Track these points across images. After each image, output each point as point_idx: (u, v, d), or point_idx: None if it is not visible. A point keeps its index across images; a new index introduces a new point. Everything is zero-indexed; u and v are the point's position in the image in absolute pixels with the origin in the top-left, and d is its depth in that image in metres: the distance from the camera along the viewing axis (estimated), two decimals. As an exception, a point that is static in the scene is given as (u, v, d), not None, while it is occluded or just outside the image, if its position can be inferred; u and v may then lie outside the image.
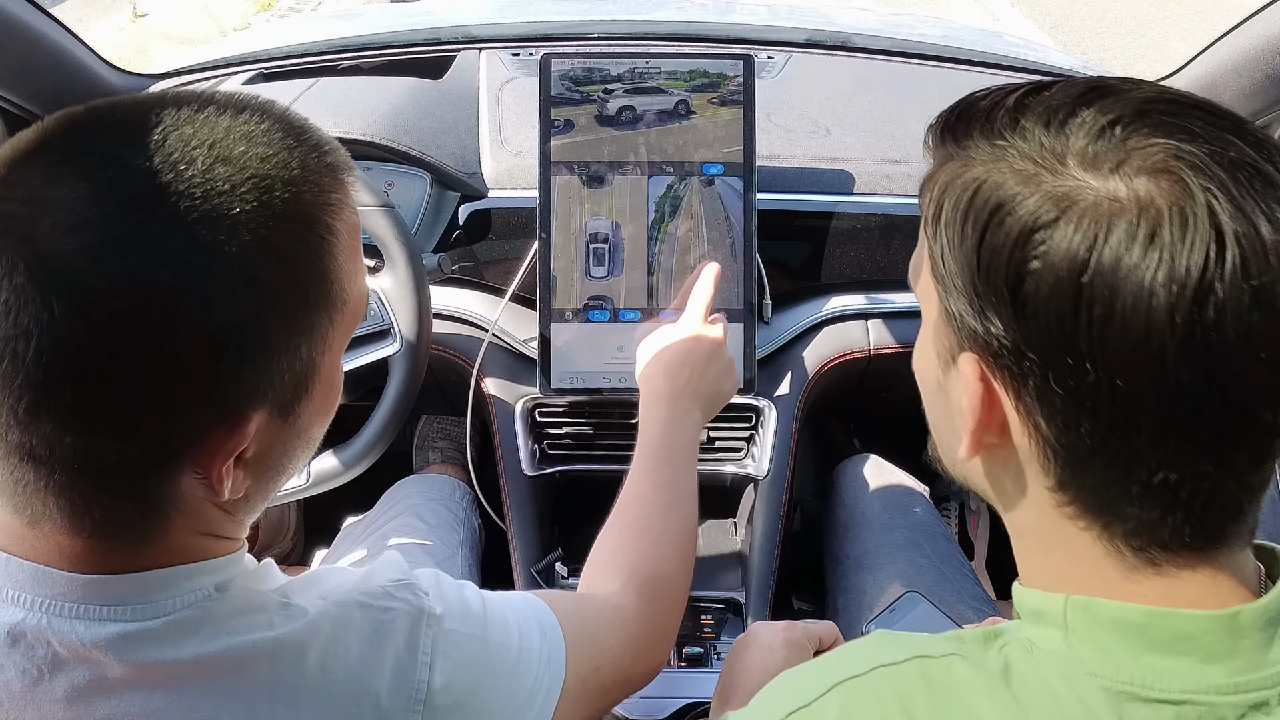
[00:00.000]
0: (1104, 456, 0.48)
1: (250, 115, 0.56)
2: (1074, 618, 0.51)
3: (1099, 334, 0.45)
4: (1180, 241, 0.44)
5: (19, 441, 0.52)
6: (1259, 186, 0.45)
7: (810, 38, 1.82)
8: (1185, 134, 0.46)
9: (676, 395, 1.00)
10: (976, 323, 0.50)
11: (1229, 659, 0.48)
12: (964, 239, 0.50)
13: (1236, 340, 0.44)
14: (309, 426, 0.62)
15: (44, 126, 0.54)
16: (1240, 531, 0.50)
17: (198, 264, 0.51)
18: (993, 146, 0.50)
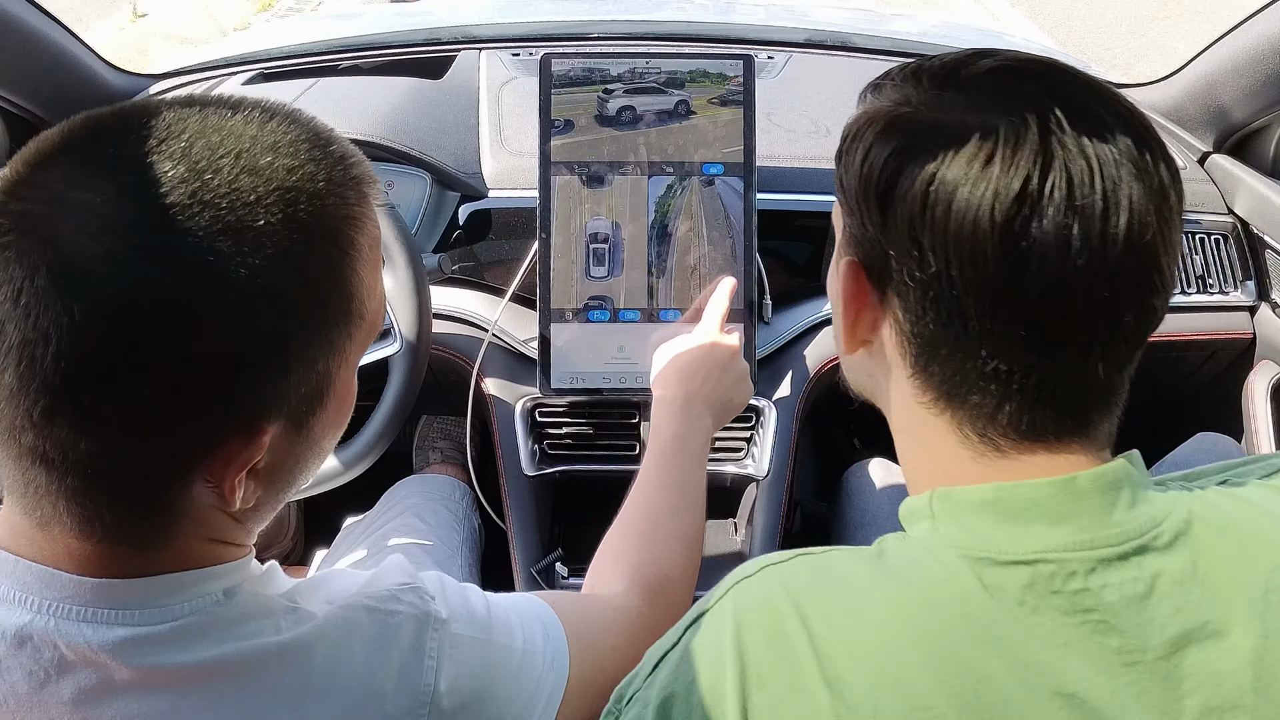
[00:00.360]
0: (946, 345, 0.57)
1: (277, 124, 0.56)
2: (938, 506, 0.58)
3: (940, 231, 0.54)
4: (1010, 162, 0.53)
5: (32, 444, 0.51)
6: (1094, 128, 0.54)
7: (810, 38, 1.82)
8: (1038, 83, 0.56)
9: (689, 400, 1.01)
10: (858, 229, 0.60)
11: (1073, 520, 0.55)
12: (855, 157, 0.60)
13: (1054, 248, 0.52)
14: (321, 438, 0.62)
15: (68, 128, 0.53)
16: (1083, 433, 0.57)
17: (221, 275, 0.51)
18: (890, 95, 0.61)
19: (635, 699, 0.57)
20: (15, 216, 0.50)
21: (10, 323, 0.49)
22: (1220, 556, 0.55)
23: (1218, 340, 1.47)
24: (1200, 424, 1.43)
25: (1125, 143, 0.54)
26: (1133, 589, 0.53)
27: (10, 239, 0.50)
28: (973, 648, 0.52)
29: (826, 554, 0.59)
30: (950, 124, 0.56)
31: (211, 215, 0.51)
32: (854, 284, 0.61)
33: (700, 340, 1.06)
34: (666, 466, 0.95)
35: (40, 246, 0.49)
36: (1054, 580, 0.53)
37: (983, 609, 0.53)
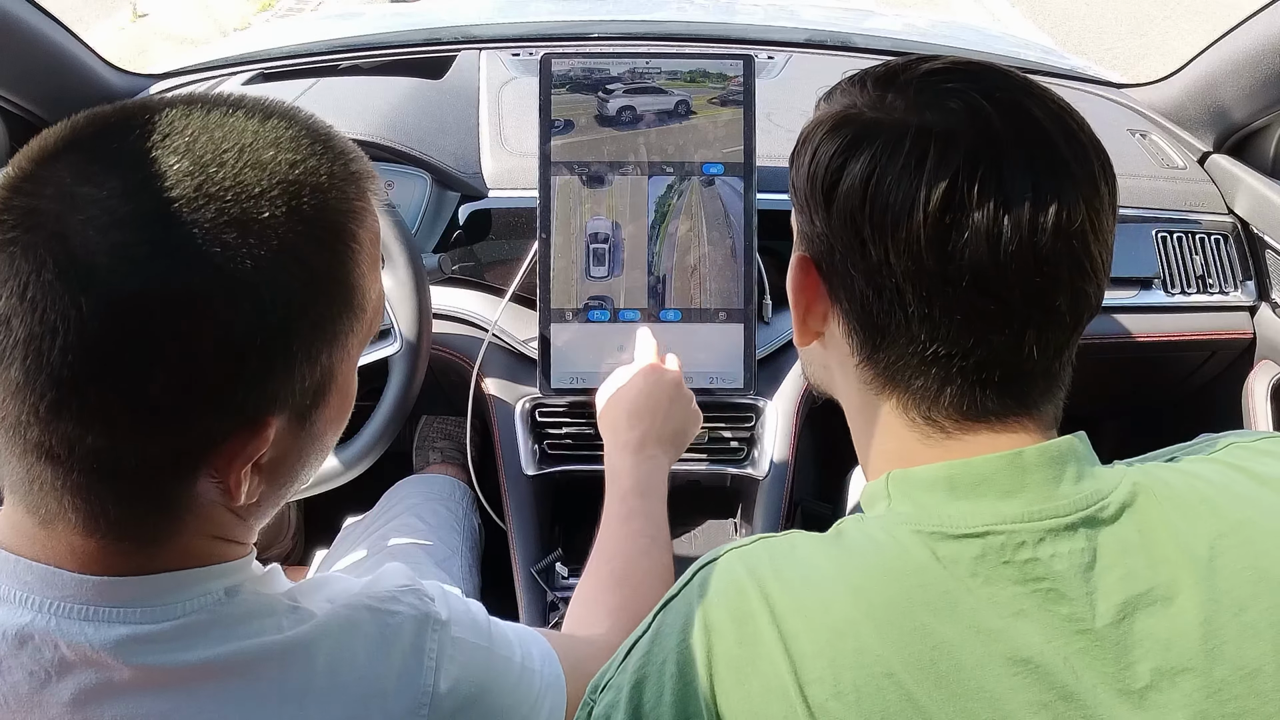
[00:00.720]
0: (889, 332, 0.60)
1: (278, 121, 0.56)
2: (894, 488, 0.61)
3: (878, 223, 0.57)
4: (941, 156, 0.56)
5: (38, 439, 0.51)
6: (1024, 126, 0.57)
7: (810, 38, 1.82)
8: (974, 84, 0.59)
9: (642, 441, 1.01)
10: (808, 225, 0.63)
11: (1021, 493, 0.57)
12: (804, 157, 0.63)
13: (984, 238, 0.55)
14: (324, 433, 0.62)
15: (73, 125, 0.54)
16: (1023, 411, 0.60)
17: (228, 268, 0.51)
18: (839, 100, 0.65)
19: (609, 686, 0.59)
20: (21, 212, 0.51)
21: (16, 317, 0.49)
22: (1165, 525, 0.57)
23: (1218, 340, 1.47)
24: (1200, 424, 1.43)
25: (1057, 137, 0.58)
26: (1080, 558, 0.55)
27: (15, 234, 0.50)
28: (928, 616, 0.54)
29: (788, 536, 0.61)
30: (888, 123, 0.59)
31: (217, 208, 0.51)
32: (804, 277, 0.65)
33: (643, 376, 1.06)
34: (631, 511, 0.96)
35: (47, 241, 0.49)
36: (1004, 551, 0.55)
37: (937, 580, 0.55)
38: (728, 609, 0.57)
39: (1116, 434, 1.75)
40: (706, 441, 1.29)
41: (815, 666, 0.53)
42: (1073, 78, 1.83)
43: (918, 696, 0.52)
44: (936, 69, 0.61)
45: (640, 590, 0.89)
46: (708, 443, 1.29)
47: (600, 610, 0.87)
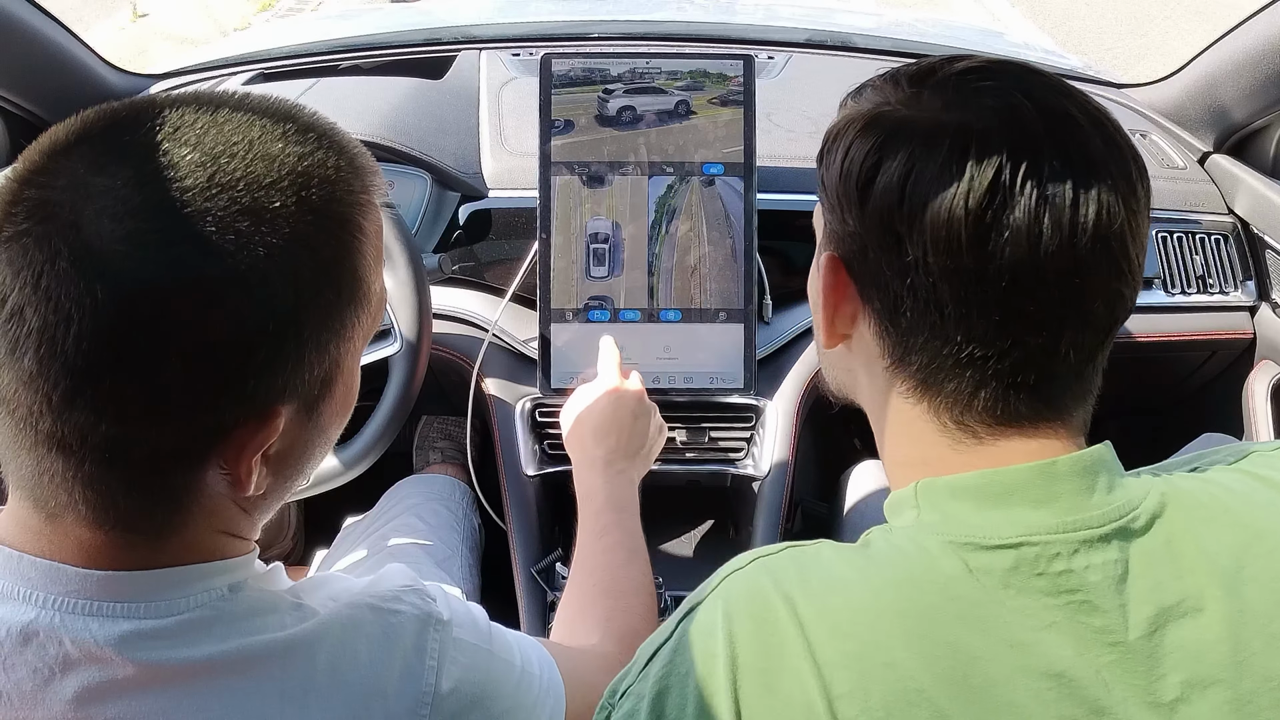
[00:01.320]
0: (923, 333, 0.59)
1: (284, 116, 0.57)
2: (922, 497, 0.59)
3: (916, 220, 0.56)
4: (981, 155, 0.55)
5: (50, 430, 0.52)
6: (1063, 125, 0.57)
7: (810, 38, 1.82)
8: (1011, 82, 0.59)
9: (610, 459, 1.02)
10: (838, 224, 0.62)
11: (1053, 503, 0.56)
12: (836, 156, 0.62)
13: (1025, 237, 0.55)
14: (329, 425, 0.63)
15: (84, 119, 0.55)
16: (1054, 418, 0.59)
17: (240, 256, 0.52)
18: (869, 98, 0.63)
19: (629, 693, 0.58)
20: (33, 204, 0.51)
21: (30, 307, 0.50)
22: (1193, 536, 0.56)
23: (1218, 340, 1.47)
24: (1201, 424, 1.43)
25: (1095, 139, 0.57)
26: (1114, 570, 0.54)
27: (28, 225, 0.51)
28: (959, 629, 0.53)
29: (815, 546, 0.60)
30: (925, 121, 0.58)
31: (229, 198, 0.52)
32: (833, 278, 0.63)
33: (604, 396, 1.07)
34: (607, 526, 0.96)
35: (61, 231, 0.50)
36: (1038, 562, 0.54)
37: (968, 592, 0.54)
38: (752, 619, 0.56)
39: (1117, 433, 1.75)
40: (706, 441, 1.29)
41: (843, 681, 0.52)
42: (1073, 78, 1.83)
43: (949, 713, 0.51)
44: (973, 67, 0.61)
45: (625, 600, 0.90)
46: (708, 443, 1.29)
47: (590, 622, 0.87)
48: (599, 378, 1.10)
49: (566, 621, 0.90)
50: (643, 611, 0.90)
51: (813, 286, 0.69)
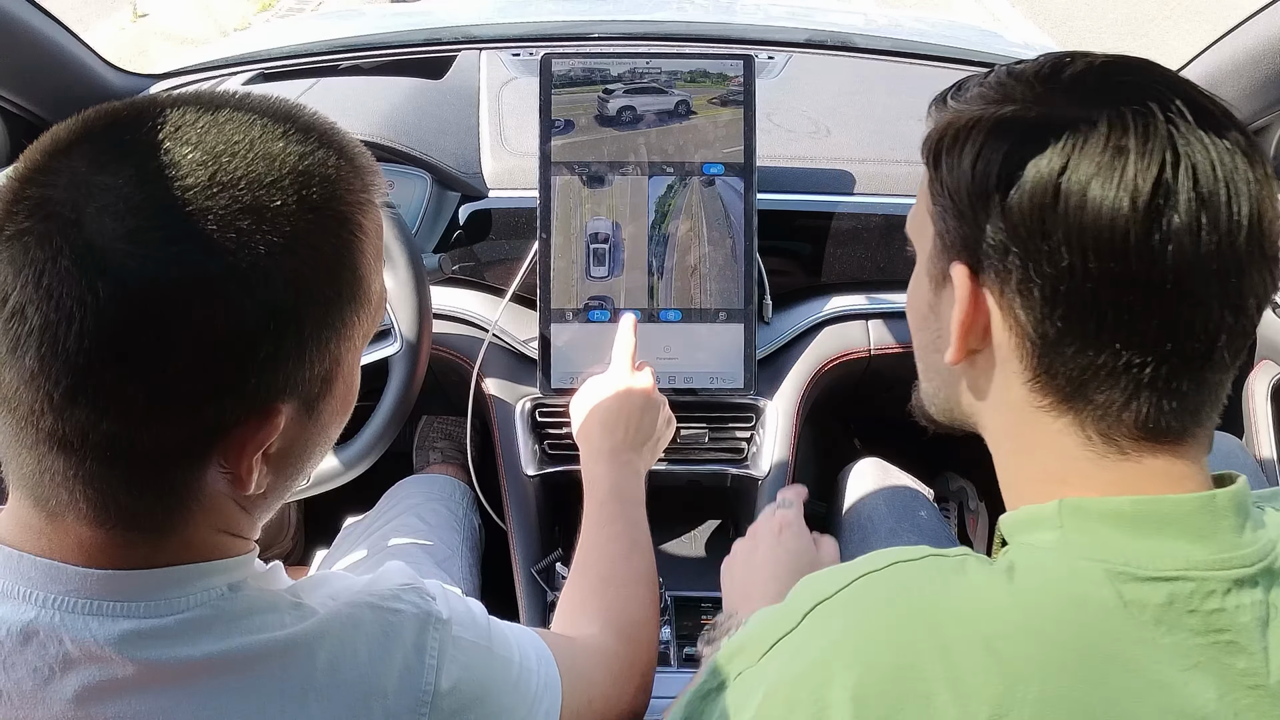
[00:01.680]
0: (1075, 342, 0.56)
1: (284, 116, 0.58)
2: (1068, 517, 0.56)
3: (1075, 221, 0.54)
4: (1142, 154, 0.53)
5: (51, 428, 0.52)
6: (1208, 120, 0.55)
7: (810, 38, 1.82)
8: (1149, 77, 0.57)
9: (617, 450, 1.02)
10: (969, 229, 0.59)
11: (1211, 539, 0.54)
12: (962, 158, 0.59)
13: (1187, 236, 0.53)
14: (329, 424, 0.63)
15: (85, 118, 0.55)
16: (1197, 432, 0.57)
17: (241, 254, 0.52)
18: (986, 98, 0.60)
19: (742, 678, 0.58)
20: (34, 202, 0.51)
21: (31, 305, 0.50)
22: None
23: (1218, 340, 1.47)
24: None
25: (1233, 134, 0.55)
26: (1259, 611, 0.53)
27: (30, 224, 0.51)
28: (1109, 667, 0.52)
29: (958, 558, 0.57)
30: (1071, 117, 0.55)
31: (230, 196, 0.52)
32: (968, 286, 0.59)
33: (614, 387, 1.07)
34: (611, 516, 0.97)
35: (63, 229, 0.50)
36: (1192, 599, 0.52)
37: (1120, 627, 0.52)
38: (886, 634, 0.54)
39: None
40: (706, 441, 1.29)
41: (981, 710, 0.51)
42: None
43: None
44: (1100, 63, 0.58)
45: (626, 590, 0.90)
46: (708, 443, 1.29)
47: (590, 612, 0.87)
48: (610, 369, 1.10)
49: (568, 610, 0.90)
50: (644, 602, 0.90)
51: (919, 300, 0.66)
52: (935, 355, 0.65)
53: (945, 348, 0.62)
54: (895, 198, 1.36)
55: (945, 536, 1.32)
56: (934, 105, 0.64)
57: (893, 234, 1.36)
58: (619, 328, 1.13)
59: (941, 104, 0.64)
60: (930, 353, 0.67)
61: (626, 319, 1.13)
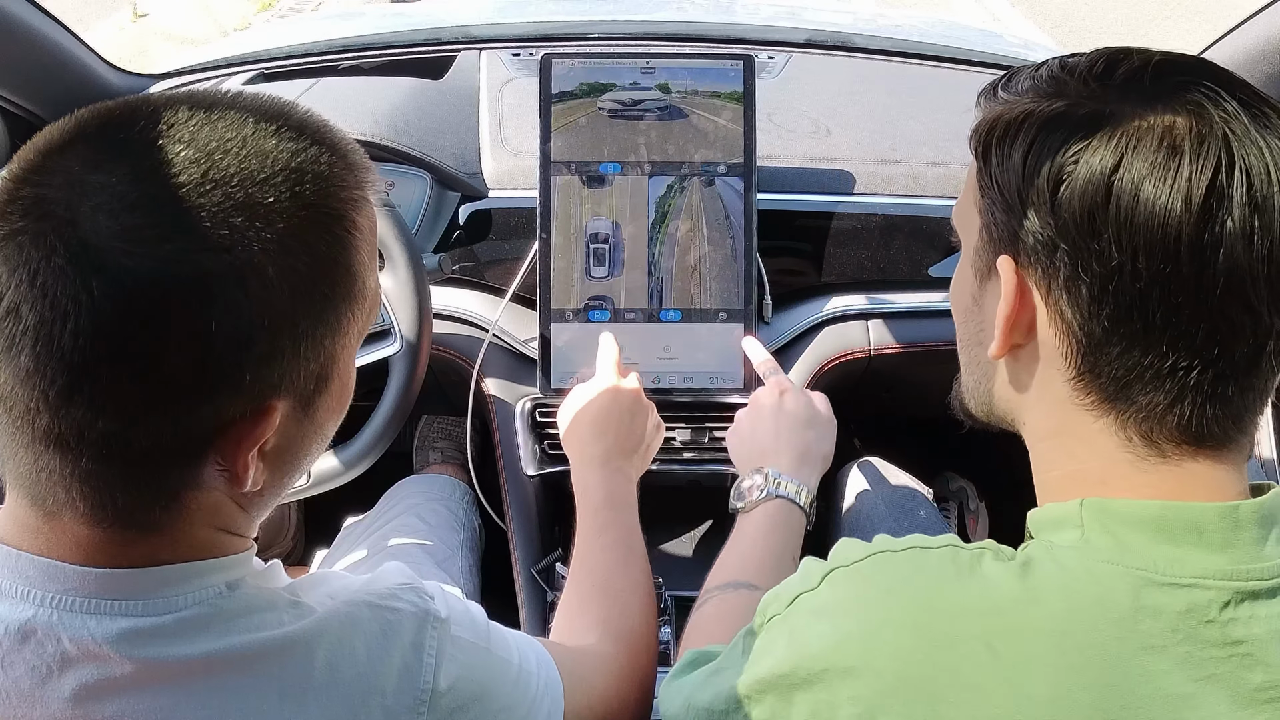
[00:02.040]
0: (1121, 342, 0.55)
1: (277, 114, 0.58)
2: (1089, 517, 0.56)
3: (1126, 220, 0.53)
4: (1196, 155, 0.53)
5: (47, 427, 0.52)
6: (1261, 122, 0.54)
7: (810, 38, 1.82)
8: (1203, 77, 0.56)
9: (607, 455, 1.02)
10: (1016, 223, 0.58)
11: (1232, 549, 0.54)
12: (1013, 152, 0.58)
13: (1239, 239, 0.52)
14: (325, 421, 0.63)
15: (78, 118, 0.55)
16: (1239, 439, 0.57)
17: (236, 251, 0.52)
18: (1038, 91, 0.60)
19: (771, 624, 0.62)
20: (29, 202, 0.51)
21: (26, 304, 0.50)
22: None
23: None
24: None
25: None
26: (1276, 624, 0.53)
27: (24, 224, 0.51)
28: (1121, 674, 0.52)
29: (977, 551, 0.57)
30: (1125, 115, 0.55)
31: (224, 193, 0.53)
32: (1014, 280, 0.59)
33: (601, 393, 1.07)
34: (605, 524, 0.96)
35: (58, 228, 0.50)
36: (1210, 608, 0.52)
37: (1136, 635, 0.52)
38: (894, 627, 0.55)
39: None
40: (706, 441, 1.29)
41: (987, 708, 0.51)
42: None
43: None
44: (1152, 61, 0.58)
45: (622, 599, 0.90)
46: (708, 443, 1.29)
47: (588, 620, 0.88)
48: (596, 375, 1.10)
49: (565, 621, 0.90)
50: (641, 610, 0.90)
51: (963, 293, 0.66)
52: (978, 349, 0.65)
53: (988, 341, 0.61)
54: (895, 198, 1.36)
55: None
56: (983, 96, 0.64)
57: (893, 234, 1.36)
58: (600, 339, 1.14)
59: (991, 95, 0.63)
60: (973, 346, 0.66)
61: (605, 334, 1.14)
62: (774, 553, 0.94)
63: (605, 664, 0.82)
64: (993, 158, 0.60)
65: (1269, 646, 0.52)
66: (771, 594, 0.64)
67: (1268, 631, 0.52)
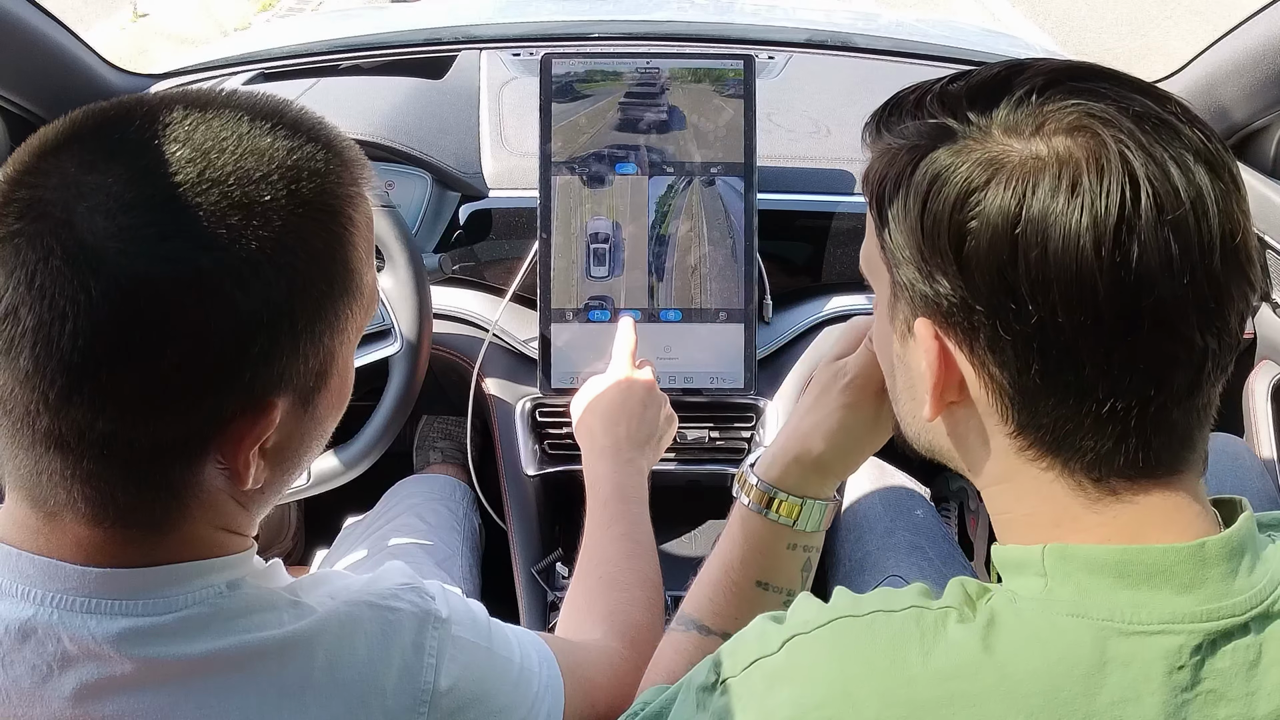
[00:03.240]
0: (1055, 394, 0.52)
1: (271, 112, 0.58)
2: (1051, 564, 0.54)
3: (1037, 276, 0.50)
4: (1098, 187, 0.49)
5: (48, 428, 0.52)
6: (1164, 134, 0.51)
7: (811, 38, 1.82)
8: (1094, 95, 0.52)
9: (619, 447, 1.02)
10: (926, 286, 0.54)
11: (1200, 588, 0.52)
12: (908, 212, 0.54)
13: (1159, 270, 0.49)
14: (325, 418, 0.63)
15: (73, 119, 0.55)
16: (1191, 459, 0.54)
17: (233, 249, 0.52)
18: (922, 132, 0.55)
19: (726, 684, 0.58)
20: (25, 204, 0.51)
21: (24, 306, 0.50)
22: None
23: (1218, 340, 1.46)
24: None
25: (1194, 142, 0.51)
26: (1246, 655, 0.51)
27: (20, 225, 0.51)
28: None
29: (942, 612, 0.55)
30: (1015, 154, 0.51)
31: (220, 192, 0.53)
32: (936, 347, 0.56)
33: (615, 385, 1.07)
34: (613, 517, 0.96)
35: (54, 229, 0.50)
36: (1180, 654, 0.51)
37: (1106, 689, 0.51)
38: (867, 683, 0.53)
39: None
40: (707, 441, 1.29)
41: None
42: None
43: None
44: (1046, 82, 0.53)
45: (629, 593, 0.90)
46: (708, 443, 1.29)
47: (594, 615, 0.87)
48: (611, 366, 1.10)
49: (572, 614, 0.90)
50: (648, 604, 0.89)
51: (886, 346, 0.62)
52: (911, 403, 0.62)
53: (920, 397, 0.59)
54: (895, 198, 1.35)
55: (941, 536, 1.32)
56: (868, 133, 0.60)
57: (893, 234, 1.36)
58: (619, 327, 1.13)
59: (876, 134, 0.59)
60: (906, 400, 0.63)
61: (625, 319, 1.13)
62: None
63: (609, 659, 0.82)
64: (889, 217, 0.56)
65: (1234, 680, 0.51)
66: (728, 650, 0.60)
67: (1233, 665, 0.51)
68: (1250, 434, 1.47)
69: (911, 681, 0.52)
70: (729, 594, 0.78)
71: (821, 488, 0.80)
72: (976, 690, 0.51)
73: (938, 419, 0.59)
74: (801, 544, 0.79)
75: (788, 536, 0.79)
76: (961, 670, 0.52)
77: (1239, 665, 0.51)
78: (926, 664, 0.53)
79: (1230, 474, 1.31)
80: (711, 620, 0.78)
